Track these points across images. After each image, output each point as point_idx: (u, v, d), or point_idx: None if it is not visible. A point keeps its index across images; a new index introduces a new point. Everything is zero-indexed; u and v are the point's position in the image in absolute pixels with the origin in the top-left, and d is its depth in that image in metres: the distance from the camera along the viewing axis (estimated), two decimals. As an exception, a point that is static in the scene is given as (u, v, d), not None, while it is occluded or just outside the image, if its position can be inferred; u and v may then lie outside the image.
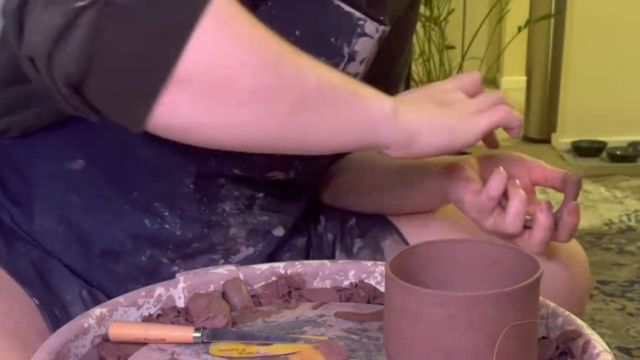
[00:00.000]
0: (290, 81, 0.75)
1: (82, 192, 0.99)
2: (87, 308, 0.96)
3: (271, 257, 1.08)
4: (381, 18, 0.96)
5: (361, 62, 0.98)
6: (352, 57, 0.96)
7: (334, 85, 0.79)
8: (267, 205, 1.05)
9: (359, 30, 0.95)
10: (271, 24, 0.78)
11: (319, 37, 0.94)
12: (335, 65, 0.95)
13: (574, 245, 1.05)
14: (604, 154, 3.94)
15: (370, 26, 0.95)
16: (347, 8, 0.93)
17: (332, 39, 0.95)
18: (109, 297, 1.00)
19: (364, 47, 0.96)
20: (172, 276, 0.99)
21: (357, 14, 0.94)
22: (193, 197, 1.00)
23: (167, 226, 1.00)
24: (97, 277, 1.01)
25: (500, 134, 0.96)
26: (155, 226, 1.00)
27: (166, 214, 1.00)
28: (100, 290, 1.02)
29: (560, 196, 0.94)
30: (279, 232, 1.07)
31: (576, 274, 1.03)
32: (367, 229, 1.15)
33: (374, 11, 0.96)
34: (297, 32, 0.93)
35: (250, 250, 1.05)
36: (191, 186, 0.99)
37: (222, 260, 1.04)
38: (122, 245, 1.00)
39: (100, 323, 0.85)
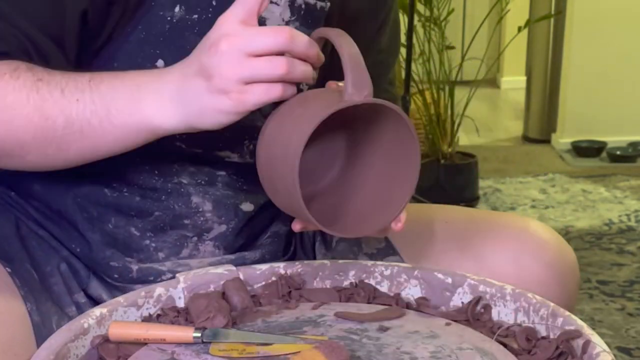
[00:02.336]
0: (40, 134, 0.87)
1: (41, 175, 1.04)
2: (64, 280, 1.01)
3: (249, 240, 1.08)
4: None
5: None
6: (261, 23, 0.95)
7: (85, 117, 0.87)
8: (232, 183, 1.05)
9: None
10: None
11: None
12: None
13: (563, 245, 1.06)
14: (604, 154, 3.94)
15: None
16: None
17: None
18: (89, 268, 1.04)
19: (272, 14, 0.97)
20: (147, 250, 1.02)
21: None
22: (143, 169, 1.01)
23: (125, 193, 1.02)
24: (78, 245, 1.04)
25: (500, 134, 0.96)
26: (114, 194, 1.02)
27: (123, 184, 1.02)
28: (82, 259, 1.04)
29: (560, 196, 0.94)
30: (247, 207, 1.06)
31: (564, 274, 1.03)
32: None
33: None
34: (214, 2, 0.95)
35: (223, 227, 1.05)
36: (137, 159, 0.99)
37: (195, 238, 1.04)
38: (87, 212, 1.02)
39: (100, 323, 0.85)
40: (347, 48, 0.84)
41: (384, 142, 0.91)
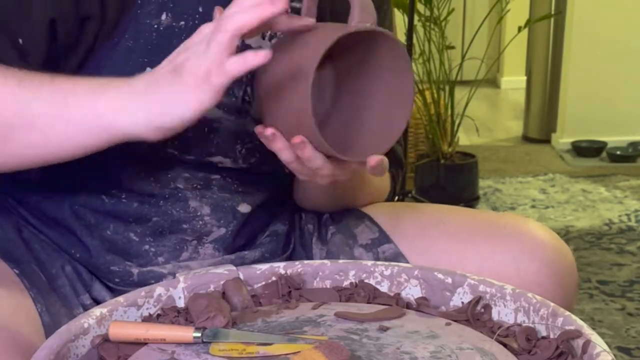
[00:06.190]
0: None
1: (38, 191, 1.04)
2: (70, 281, 1.02)
3: (248, 240, 1.09)
4: None
5: None
6: None
7: (41, 110, 0.84)
8: (227, 186, 1.05)
9: None
10: None
11: None
12: None
13: (561, 245, 1.06)
14: (604, 154, 3.94)
15: None
16: None
17: None
18: (91, 272, 1.04)
19: None
20: (146, 255, 1.02)
21: None
22: (138, 175, 1.01)
23: (123, 199, 1.02)
24: (78, 251, 1.04)
25: (500, 134, 0.96)
26: (112, 200, 1.02)
27: (121, 190, 1.02)
28: (83, 264, 1.04)
29: (560, 196, 0.94)
30: (244, 208, 1.07)
31: (563, 274, 1.04)
32: (340, 219, 1.16)
33: None
34: None
35: (222, 230, 1.05)
36: (131, 166, 1.00)
37: (194, 242, 1.04)
38: (85, 220, 1.03)
39: (100, 323, 0.85)
40: None
41: (377, 70, 0.92)
